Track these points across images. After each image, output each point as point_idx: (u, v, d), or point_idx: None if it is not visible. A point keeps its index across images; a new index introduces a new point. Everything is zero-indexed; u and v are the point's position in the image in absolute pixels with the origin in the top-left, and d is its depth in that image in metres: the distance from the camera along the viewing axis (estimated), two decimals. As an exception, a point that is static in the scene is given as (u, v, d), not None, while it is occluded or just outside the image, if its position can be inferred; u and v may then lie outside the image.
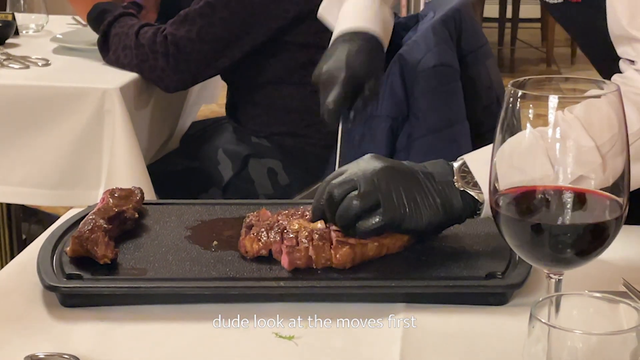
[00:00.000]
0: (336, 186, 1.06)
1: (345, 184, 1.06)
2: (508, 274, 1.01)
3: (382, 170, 1.05)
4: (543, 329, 0.64)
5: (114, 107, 1.95)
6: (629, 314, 0.66)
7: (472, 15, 2.00)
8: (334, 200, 1.06)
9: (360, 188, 1.04)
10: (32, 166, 1.99)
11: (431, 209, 1.04)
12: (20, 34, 2.48)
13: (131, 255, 1.08)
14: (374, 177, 1.05)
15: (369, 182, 1.04)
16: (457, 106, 1.89)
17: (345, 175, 1.07)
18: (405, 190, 1.04)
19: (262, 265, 1.05)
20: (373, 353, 0.91)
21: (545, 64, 5.77)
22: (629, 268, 1.05)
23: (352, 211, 1.04)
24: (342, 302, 1.00)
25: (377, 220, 1.04)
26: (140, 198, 1.20)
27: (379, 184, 1.04)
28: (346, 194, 1.05)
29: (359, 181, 1.05)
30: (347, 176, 1.06)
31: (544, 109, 0.74)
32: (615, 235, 0.75)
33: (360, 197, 1.04)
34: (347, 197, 1.05)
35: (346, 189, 1.05)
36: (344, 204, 1.05)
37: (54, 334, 0.95)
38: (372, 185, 1.04)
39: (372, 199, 1.04)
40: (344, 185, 1.06)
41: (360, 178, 1.05)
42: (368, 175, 1.05)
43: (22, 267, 1.09)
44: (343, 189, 1.05)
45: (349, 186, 1.05)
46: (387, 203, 1.03)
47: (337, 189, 1.06)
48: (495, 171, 0.76)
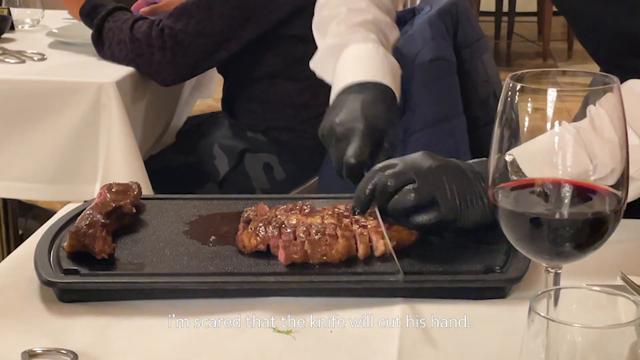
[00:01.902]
0: (391, 177, 1.05)
1: (401, 175, 1.05)
2: (507, 268, 1.01)
3: (438, 168, 1.05)
4: (542, 323, 0.64)
5: (110, 101, 1.95)
6: (627, 307, 0.66)
7: (468, 9, 2.00)
8: (388, 190, 1.05)
9: (417, 182, 1.04)
10: (28, 161, 1.99)
11: (479, 209, 1.04)
12: (15, 29, 2.48)
13: (129, 250, 1.08)
14: (430, 174, 1.04)
15: (426, 177, 1.04)
16: (453, 100, 1.89)
17: (399, 167, 1.06)
18: (458, 188, 1.04)
19: (260, 260, 1.05)
20: (371, 347, 0.91)
21: (541, 58, 5.77)
22: (627, 261, 1.05)
23: (408, 204, 1.04)
24: (340, 297, 1.00)
25: (433, 215, 1.04)
26: (137, 193, 1.19)
27: (435, 181, 1.04)
28: (401, 186, 1.05)
29: (416, 175, 1.04)
30: (401, 169, 1.05)
31: (542, 102, 0.74)
32: (614, 229, 0.75)
33: (417, 191, 1.04)
34: (403, 189, 1.04)
35: (402, 180, 1.05)
36: (400, 196, 1.04)
37: (51, 329, 0.95)
38: (429, 181, 1.04)
39: (429, 194, 1.04)
40: (399, 177, 1.05)
41: (417, 172, 1.05)
42: (424, 171, 1.05)
43: (19, 263, 1.09)
44: (398, 181, 1.05)
45: (404, 178, 1.05)
46: (443, 200, 1.04)
47: (391, 180, 1.05)
48: (496, 165, 0.76)
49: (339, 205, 1.13)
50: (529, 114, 0.75)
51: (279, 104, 2.21)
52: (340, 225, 1.06)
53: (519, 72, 0.76)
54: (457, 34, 1.94)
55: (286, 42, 2.15)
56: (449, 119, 1.88)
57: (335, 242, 1.04)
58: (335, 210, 1.10)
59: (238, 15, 2.08)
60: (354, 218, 1.08)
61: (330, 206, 1.12)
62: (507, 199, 0.76)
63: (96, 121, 1.96)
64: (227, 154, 2.21)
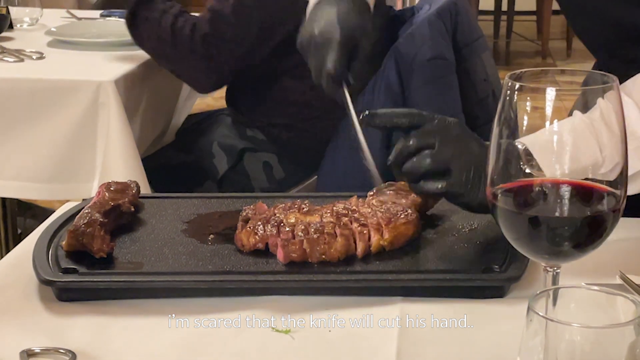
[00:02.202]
0: (414, 136, 1.05)
1: (424, 137, 1.04)
2: (506, 267, 1.01)
3: (461, 140, 1.04)
4: (541, 322, 0.64)
5: (108, 100, 1.95)
6: (626, 306, 0.66)
7: (467, 8, 2.00)
8: (408, 149, 1.05)
9: (437, 148, 1.04)
10: (27, 160, 1.99)
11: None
12: (14, 28, 2.48)
13: (127, 249, 1.08)
14: (451, 143, 1.04)
15: (446, 146, 1.04)
16: (452, 99, 1.89)
17: (427, 127, 1.05)
18: (474, 165, 1.04)
19: (259, 259, 1.05)
20: (370, 346, 0.91)
21: (540, 57, 5.77)
22: (626, 261, 1.05)
23: (422, 169, 1.04)
24: (339, 296, 1.00)
25: (442, 185, 1.04)
26: (136, 192, 1.19)
27: (454, 151, 1.04)
28: (421, 148, 1.04)
29: (438, 141, 1.04)
30: (428, 129, 1.05)
31: (541, 101, 0.74)
32: (612, 228, 0.75)
33: (433, 157, 1.04)
34: (421, 153, 1.04)
35: (423, 142, 1.04)
36: (417, 159, 1.04)
37: (49, 328, 0.95)
38: (448, 150, 1.04)
39: (443, 163, 1.03)
40: (422, 138, 1.04)
41: (441, 139, 1.04)
42: (447, 139, 1.04)
43: (17, 261, 1.09)
44: (419, 142, 1.04)
45: (426, 141, 1.04)
46: (456, 172, 1.03)
47: (414, 139, 1.05)
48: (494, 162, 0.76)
49: (337, 203, 1.12)
50: (528, 113, 0.75)
51: (282, 101, 2.21)
52: (339, 224, 1.06)
53: (518, 71, 0.76)
54: (456, 33, 1.94)
55: (295, 41, 2.15)
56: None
57: (333, 240, 1.04)
58: (334, 209, 1.10)
59: (269, 20, 2.07)
60: (353, 217, 1.08)
61: (329, 205, 1.12)
62: (506, 198, 0.76)
63: (95, 120, 1.96)
64: (226, 152, 2.20)
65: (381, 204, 1.10)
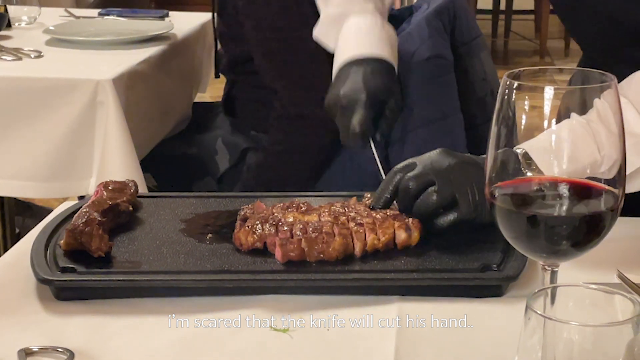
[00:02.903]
0: (412, 179, 1.08)
1: (421, 177, 1.07)
2: (504, 266, 1.01)
3: (456, 167, 1.07)
4: (539, 321, 0.64)
5: (106, 98, 1.94)
6: (624, 305, 0.66)
7: (466, 7, 2.00)
8: (410, 193, 1.08)
9: (437, 184, 1.06)
10: (25, 158, 1.99)
11: None
12: (12, 26, 2.47)
13: (125, 248, 1.08)
14: (449, 174, 1.06)
15: (446, 178, 1.06)
16: (450, 98, 1.89)
17: (419, 169, 1.08)
18: (477, 185, 1.06)
19: (257, 258, 1.05)
20: (368, 345, 0.91)
21: (538, 56, 5.77)
22: (623, 259, 1.05)
23: (431, 207, 1.06)
24: (337, 295, 1.00)
25: (453, 217, 1.06)
26: (134, 191, 1.19)
27: (454, 181, 1.06)
28: (422, 188, 1.07)
29: (436, 177, 1.06)
30: (422, 170, 1.08)
31: (539, 100, 0.74)
32: (611, 227, 0.75)
33: (439, 193, 1.06)
34: (426, 192, 1.07)
35: (423, 182, 1.07)
36: (423, 199, 1.07)
37: (47, 327, 0.94)
38: (449, 181, 1.06)
39: (449, 195, 1.06)
40: (419, 179, 1.07)
41: (437, 174, 1.07)
42: (444, 171, 1.07)
43: (15, 261, 1.08)
44: (419, 183, 1.07)
45: (425, 180, 1.07)
46: (463, 200, 1.05)
47: (412, 182, 1.08)
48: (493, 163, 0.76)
49: (335, 203, 1.13)
50: (526, 112, 0.75)
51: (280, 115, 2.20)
52: (337, 223, 1.06)
53: (516, 70, 0.76)
54: (455, 32, 1.94)
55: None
56: (446, 117, 1.88)
57: (332, 240, 1.04)
58: (332, 208, 1.10)
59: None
60: (350, 215, 1.08)
61: (327, 204, 1.12)
62: (504, 197, 0.76)
63: (93, 118, 1.96)
64: (229, 150, 2.20)
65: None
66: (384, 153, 1.34)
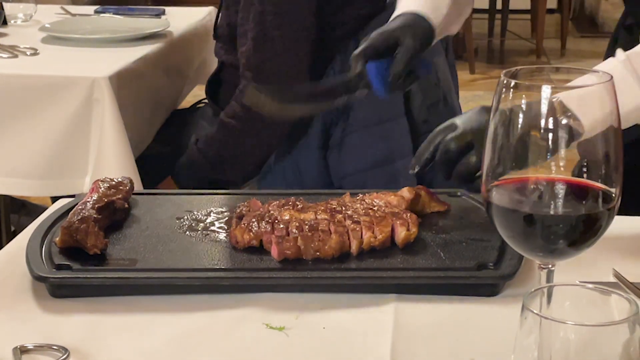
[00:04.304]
0: (452, 140, 1.09)
1: (461, 138, 1.09)
2: (500, 264, 1.01)
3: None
4: (535, 320, 0.64)
5: (102, 96, 1.94)
6: (620, 304, 0.66)
7: None
8: (450, 154, 1.09)
9: (476, 146, 1.08)
10: (20, 156, 1.98)
11: None
12: (8, 24, 2.47)
13: (121, 245, 1.07)
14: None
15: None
16: (393, 103, 1.87)
17: (459, 130, 1.10)
18: None
19: (253, 256, 1.04)
20: (364, 344, 0.91)
21: (535, 55, 5.77)
22: (619, 259, 1.05)
23: (472, 170, 1.09)
24: (333, 293, 1.00)
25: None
26: (130, 188, 1.19)
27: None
28: (462, 149, 1.09)
29: (475, 139, 1.08)
30: (461, 132, 1.09)
31: (536, 98, 0.74)
32: (607, 226, 0.75)
33: (479, 154, 1.07)
34: (466, 157, 1.08)
35: (462, 143, 1.09)
36: (464, 162, 1.09)
37: (43, 324, 0.94)
38: None
39: None
40: (460, 139, 1.09)
41: (476, 136, 1.08)
42: (481, 131, 1.06)
43: (11, 258, 1.08)
44: (459, 144, 1.09)
45: (464, 141, 1.09)
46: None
47: (453, 143, 1.09)
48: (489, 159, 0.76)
49: (331, 200, 1.12)
50: (523, 111, 0.75)
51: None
52: (333, 221, 1.06)
53: (513, 69, 0.76)
54: None
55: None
56: (384, 122, 1.86)
57: (328, 237, 1.03)
58: (328, 206, 1.10)
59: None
60: (347, 213, 1.08)
61: (323, 202, 1.12)
62: (501, 196, 0.76)
63: (88, 116, 1.96)
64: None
65: (371, 200, 1.11)
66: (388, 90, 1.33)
